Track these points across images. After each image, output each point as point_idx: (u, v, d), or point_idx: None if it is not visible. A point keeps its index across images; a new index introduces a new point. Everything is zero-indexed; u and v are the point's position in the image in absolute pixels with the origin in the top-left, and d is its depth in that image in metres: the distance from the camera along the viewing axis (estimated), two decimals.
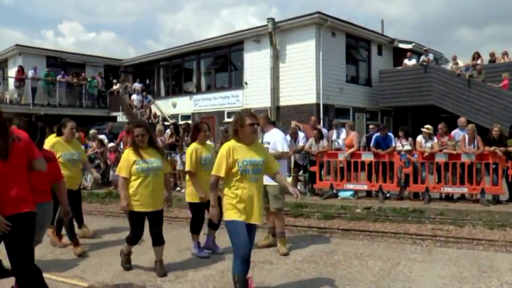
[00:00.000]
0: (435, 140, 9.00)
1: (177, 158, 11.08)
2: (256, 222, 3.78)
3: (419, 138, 9.09)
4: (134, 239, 4.66)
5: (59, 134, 5.77)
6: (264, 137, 5.77)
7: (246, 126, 3.70)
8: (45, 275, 4.60)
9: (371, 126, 10.90)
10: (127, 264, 4.82)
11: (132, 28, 73.79)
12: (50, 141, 5.58)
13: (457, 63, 15.91)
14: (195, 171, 5.24)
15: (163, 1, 75.93)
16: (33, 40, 65.81)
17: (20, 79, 18.92)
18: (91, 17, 71.82)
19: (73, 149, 5.82)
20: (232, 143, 3.76)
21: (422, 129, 9.07)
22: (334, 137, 10.41)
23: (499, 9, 60.86)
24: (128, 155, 4.53)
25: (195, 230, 5.44)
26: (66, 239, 5.79)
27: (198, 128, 5.49)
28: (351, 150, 9.42)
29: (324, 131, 11.01)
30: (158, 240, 4.60)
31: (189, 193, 5.35)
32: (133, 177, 4.47)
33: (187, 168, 5.34)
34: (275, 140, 5.59)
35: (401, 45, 18.51)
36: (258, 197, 3.75)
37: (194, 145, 5.36)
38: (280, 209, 5.61)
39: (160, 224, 4.65)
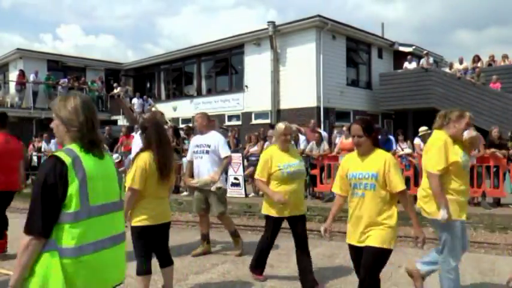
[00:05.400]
0: None
1: (182, 161, 10.57)
2: None
3: (417, 140, 9.07)
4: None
5: None
6: (200, 140, 5.41)
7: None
8: None
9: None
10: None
11: (131, 31, 74.04)
12: None
13: (451, 65, 15.98)
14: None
15: (162, 4, 76.26)
16: (32, 44, 66.14)
17: (21, 83, 18.97)
18: (89, 21, 72.14)
19: None
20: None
21: (420, 131, 8.98)
22: (337, 140, 10.40)
23: (498, 11, 61.02)
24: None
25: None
26: None
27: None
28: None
29: (324, 134, 10.98)
30: None
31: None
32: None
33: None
34: (216, 143, 5.27)
35: (401, 48, 18.53)
36: None
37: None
38: (224, 212, 5.45)
39: None
